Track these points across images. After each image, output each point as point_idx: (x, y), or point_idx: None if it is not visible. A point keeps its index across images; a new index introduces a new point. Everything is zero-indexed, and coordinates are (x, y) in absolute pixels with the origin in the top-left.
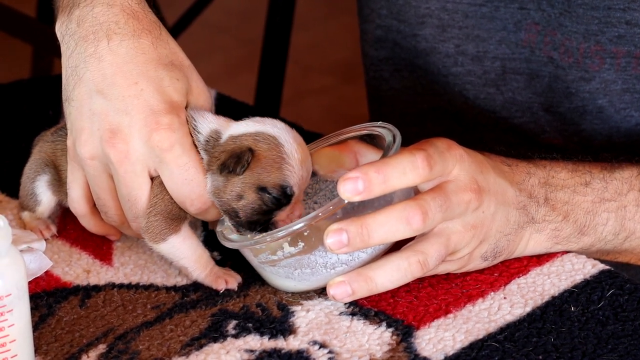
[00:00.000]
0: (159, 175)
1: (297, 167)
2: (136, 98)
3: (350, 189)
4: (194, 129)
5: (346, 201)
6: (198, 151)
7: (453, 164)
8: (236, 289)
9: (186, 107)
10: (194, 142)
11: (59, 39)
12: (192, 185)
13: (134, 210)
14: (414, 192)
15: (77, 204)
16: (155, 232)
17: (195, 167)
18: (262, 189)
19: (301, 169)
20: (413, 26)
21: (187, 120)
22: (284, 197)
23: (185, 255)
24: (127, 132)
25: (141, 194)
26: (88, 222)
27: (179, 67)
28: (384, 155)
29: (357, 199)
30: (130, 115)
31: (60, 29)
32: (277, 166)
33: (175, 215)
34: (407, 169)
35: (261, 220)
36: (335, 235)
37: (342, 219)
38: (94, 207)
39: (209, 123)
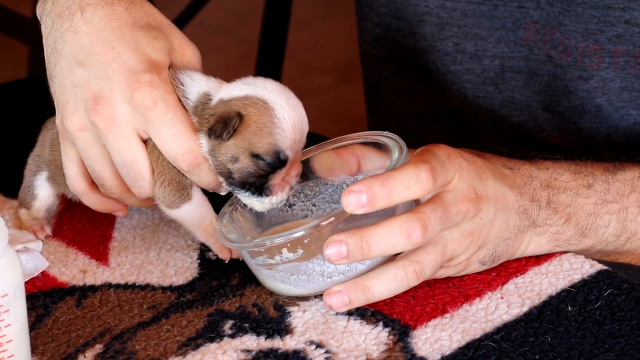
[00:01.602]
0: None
1: (290, 131)
2: (114, 62)
3: (354, 201)
4: (182, 91)
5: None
6: (185, 109)
7: (453, 173)
8: (241, 259)
9: (172, 67)
10: (180, 100)
11: (39, 20)
12: (181, 139)
13: (132, 174)
14: (414, 202)
15: (75, 182)
16: (169, 201)
17: (182, 122)
18: (255, 156)
19: (294, 133)
20: (412, 24)
21: (174, 80)
22: (278, 162)
23: (197, 223)
24: (109, 97)
25: (135, 157)
26: (90, 199)
27: (156, 28)
28: (389, 168)
29: (360, 211)
30: (110, 79)
31: (38, 10)
32: (267, 131)
33: (184, 183)
34: (411, 182)
35: (256, 183)
36: (334, 247)
37: (343, 228)
38: (92, 183)
39: (197, 85)
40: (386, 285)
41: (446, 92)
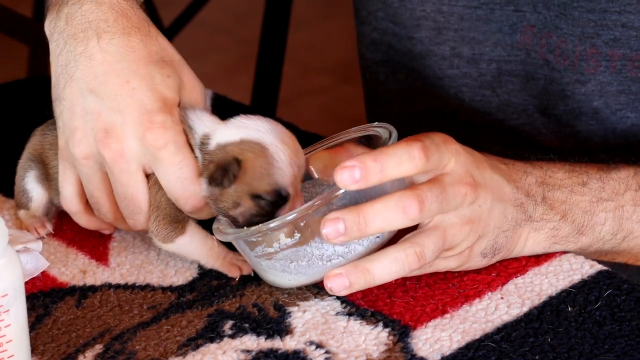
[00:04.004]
0: (154, 173)
1: (287, 168)
2: (129, 97)
3: (347, 177)
4: (190, 128)
5: (342, 190)
6: (193, 150)
7: (449, 157)
8: (252, 274)
9: (180, 105)
10: (188, 141)
11: (47, 36)
12: (186, 183)
13: (130, 207)
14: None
15: (70, 202)
16: (163, 235)
17: (189, 166)
18: (256, 197)
19: (292, 169)
20: (409, 29)
21: (182, 120)
22: (279, 199)
23: (195, 252)
24: (121, 132)
25: (137, 192)
26: (81, 219)
27: (169, 63)
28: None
29: (353, 187)
30: (123, 114)
31: (49, 26)
32: (266, 173)
33: (179, 218)
34: (403, 158)
35: (261, 222)
36: (332, 224)
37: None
38: (87, 204)
39: (203, 125)
40: (387, 267)
41: (443, 96)
